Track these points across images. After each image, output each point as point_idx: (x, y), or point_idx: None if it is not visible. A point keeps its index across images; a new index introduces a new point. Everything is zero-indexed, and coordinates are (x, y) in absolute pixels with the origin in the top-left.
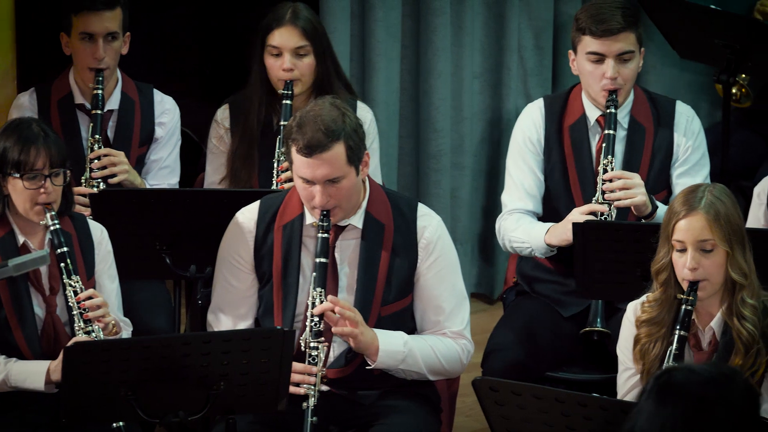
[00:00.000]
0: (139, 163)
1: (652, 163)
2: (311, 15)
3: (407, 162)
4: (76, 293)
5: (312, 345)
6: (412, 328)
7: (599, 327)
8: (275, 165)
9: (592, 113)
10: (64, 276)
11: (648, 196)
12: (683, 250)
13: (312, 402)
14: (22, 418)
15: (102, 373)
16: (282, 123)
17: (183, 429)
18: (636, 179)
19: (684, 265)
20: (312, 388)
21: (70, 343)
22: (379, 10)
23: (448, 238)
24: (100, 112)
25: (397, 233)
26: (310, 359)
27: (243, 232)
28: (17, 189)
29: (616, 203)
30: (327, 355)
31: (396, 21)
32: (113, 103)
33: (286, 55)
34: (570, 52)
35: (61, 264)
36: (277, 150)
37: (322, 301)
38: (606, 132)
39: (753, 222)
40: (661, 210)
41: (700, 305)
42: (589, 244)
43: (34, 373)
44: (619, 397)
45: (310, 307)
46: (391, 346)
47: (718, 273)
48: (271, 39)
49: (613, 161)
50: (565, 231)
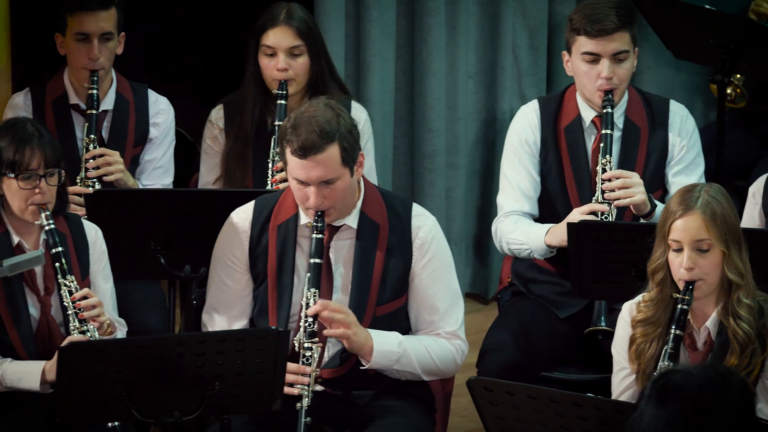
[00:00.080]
0: (133, 163)
1: (647, 162)
2: (306, 15)
3: (402, 162)
4: (71, 293)
5: (306, 345)
6: (406, 328)
7: (603, 326)
8: (270, 165)
9: (588, 114)
10: (59, 276)
11: (647, 195)
12: (679, 250)
13: (306, 402)
14: (18, 419)
15: (97, 373)
16: (277, 123)
17: (178, 429)
18: (635, 178)
19: (680, 264)
20: (306, 388)
21: (64, 343)
22: (373, 10)
23: (442, 238)
24: (95, 112)
25: (392, 233)
26: (304, 360)
27: (238, 233)
28: (12, 189)
29: (615, 202)
30: (321, 356)
31: (391, 21)
32: (108, 103)
33: (281, 55)
34: (564, 53)
35: (56, 264)
36: (271, 150)
37: (316, 302)
38: (603, 132)
39: (748, 222)
40: (660, 209)
41: (695, 305)
42: (583, 245)
43: (29, 373)
44: (614, 397)
45: (305, 307)
46: (385, 347)
47: (715, 273)
48: (266, 39)
49: (611, 161)
50: (564, 232)
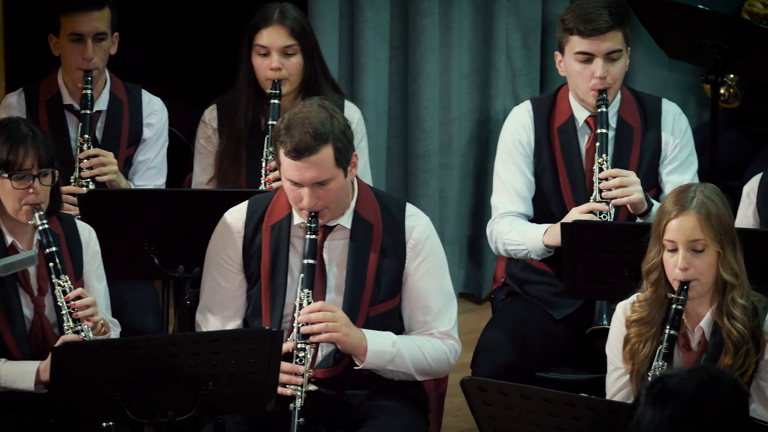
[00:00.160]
0: (126, 163)
1: (641, 162)
2: (299, 15)
3: (396, 162)
4: (65, 293)
5: (299, 346)
6: (400, 328)
7: (606, 325)
8: (263, 164)
9: (581, 114)
10: (53, 276)
11: (644, 194)
12: (674, 250)
13: (299, 403)
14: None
15: (90, 374)
16: (270, 122)
17: (171, 429)
18: (632, 177)
19: (675, 264)
20: (299, 389)
21: (58, 343)
22: (367, 10)
23: (436, 239)
24: (89, 112)
25: (386, 233)
26: (298, 360)
27: (231, 233)
28: (6, 189)
29: (613, 201)
30: (315, 356)
31: (384, 21)
32: (102, 103)
33: (274, 54)
34: (557, 53)
35: (50, 264)
36: (264, 149)
37: (309, 302)
38: (599, 131)
39: (742, 221)
40: (657, 208)
41: (689, 305)
42: (577, 244)
43: (24, 373)
44: (608, 397)
45: (298, 308)
46: (379, 347)
47: (709, 273)
48: (259, 38)
49: (607, 159)
50: None
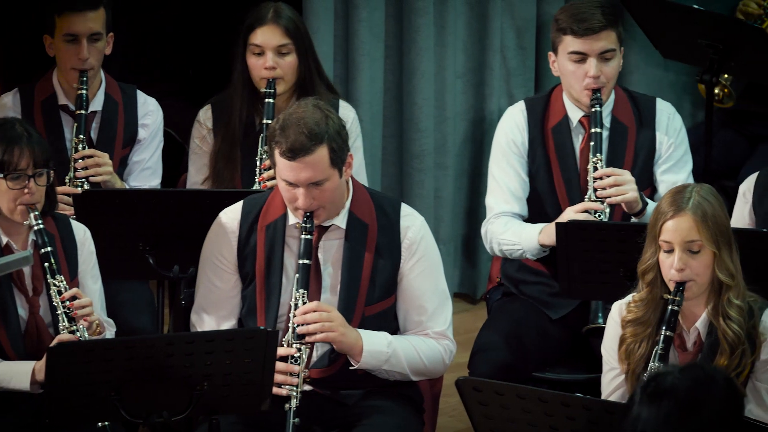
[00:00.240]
0: (122, 164)
1: (635, 161)
2: (293, 14)
3: (391, 162)
4: (60, 293)
5: (295, 346)
6: (395, 328)
7: (601, 323)
8: (258, 163)
9: (575, 114)
10: (48, 276)
11: (639, 193)
12: (670, 251)
13: (294, 403)
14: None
15: (85, 374)
16: (265, 121)
17: (166, 429)
18: (627, 176)
19: (671, 265)
20: (294, 389)
21: (54, 342)
22: (362, 10)
23: (431, 239)
24: (84, 112)
25: (381, 233)
26: (293, 360)
27: (226, 233)
28: (1, 189)
29: (608, 200)
30: (310, 356)
31: (380, 21)
32: (97, 104)
33: (269, 53)
34: (550, 53)
35: (45, 264)
36: (259, 148)
37: (304, 302)
38: (593, 130)
39: (738, 221)
40: (651, 207)
41: (685, 305)
42: (572, 244)
43: (19, 373)
44: (603, 396)
45: (293, 308)
46: (374, 347)
47: (705, 274)
48: (254, 38)
49: (602, 159)
50: None
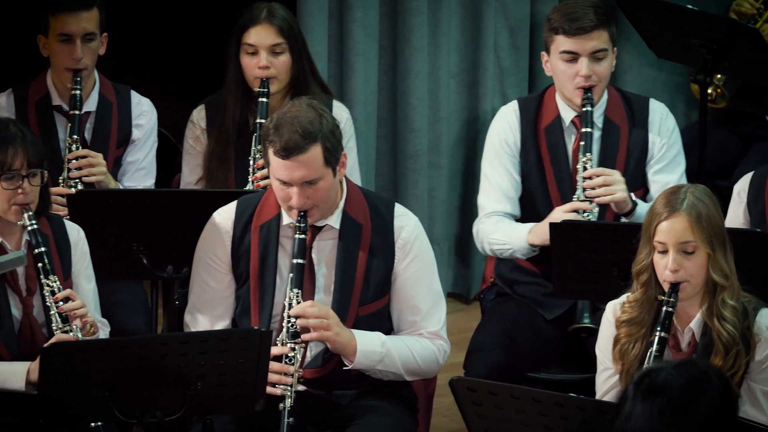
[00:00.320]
0: (116, 164)
1: (628, 162)
2: (287, 14)
3: (385, 162)
4: (53, 293)
5: (289, 345)
6: (389, 328)
7: (587, 323)
8: (251, 163)
9: (567, 114)
10: (42, 276)
11: (628, 193)
12: (665, 252)
13: (288, 403)
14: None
15: (79, 374)
16: (258, 121)
17: (160, 429)
18: (616, 176)
19: (665, 266)
20: (288, 388)
21: (50, 342)
22: (356, 10)
23: (425, 239)
24: (78, 112)
25: (375, 233)
26: (287, 360)
27: (220, 233)
28: None
29: (596, 200)
30: (304, 356)
31: (374, 21)
32: (91, 104)
33: (262, 53)
34: (543, 53)
35: (39, 264)
36: (252, 148)
37: (299, 302)
38: (583, 130)
39: (732, 220)
40: (641, 207)
41: (679, 306)
42: (566, 244)
43: (14, 374)
44: (598, 396)
45: (287, 307)
46: (368, 347)
47: (700, 275)
48: (247, 37)
49: (591, 159)
50: (547, 230)
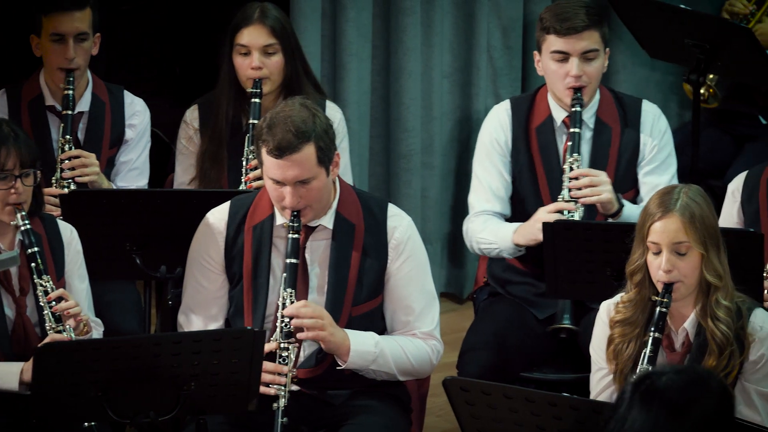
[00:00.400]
0: (109, 164)
1: (619, 162)
2: (279, 14)
3: (378, 162)
4: (47, 293)
5: (282, 345)
6: (382, 328)
7: (567, 324)
8: (243, 163)
9: (559, 114)
10: (35, 276)
11: (615, 194)
12: (658, 252)
13: (282, 403)
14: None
15: (72, 374)
16: (251, 121)
17: (153, 429)
18: (602, 176)
19: (659, 266)
20: (282, 388)
21: (45, 341)
22: (350, 10)
23: (418, 239)
24: (70, 112)
25: (368, 233)
26: (281, 359)
27: (213, 233)
28: None
29: (582, 200)
30: (297, 356)
31: (367, 21)
32: (84, 104)
33: (255, 53)
34: (535, 53)
35: (32, 264)
36: (245, 148)
37: (292, 302)
38: (572, 130)
39: (726, 220)
40: (628, 208)
41: (673, 306)
42: (558, 244)
43: (8, 374)
44: (592, 396)
45: (281, 307)
46: (362, 347)
47: (693, 275)
48: (240, 38)
49: (579, 159)
50: (532, 230)
